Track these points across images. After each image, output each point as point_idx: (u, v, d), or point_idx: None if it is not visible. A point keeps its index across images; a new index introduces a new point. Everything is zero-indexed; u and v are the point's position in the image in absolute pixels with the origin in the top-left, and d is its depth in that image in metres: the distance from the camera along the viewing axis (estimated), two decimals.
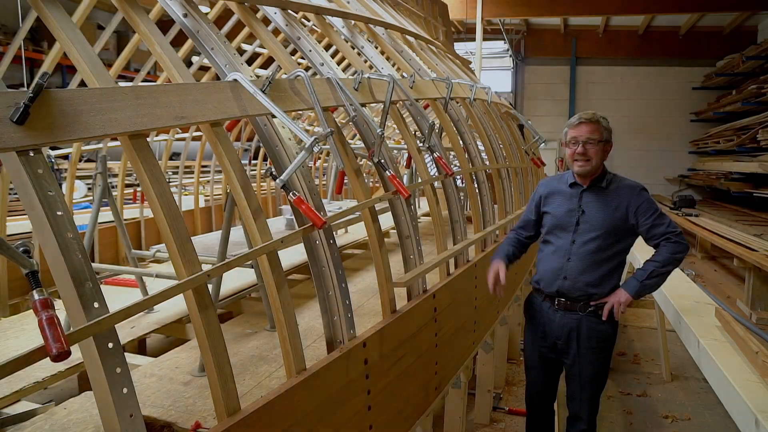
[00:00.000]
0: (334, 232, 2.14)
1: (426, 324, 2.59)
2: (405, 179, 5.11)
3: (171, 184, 6.57)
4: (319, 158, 8.66)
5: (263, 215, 1.79)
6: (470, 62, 9.48)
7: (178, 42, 3.55)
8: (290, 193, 1.88)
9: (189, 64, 5.82)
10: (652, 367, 5.07)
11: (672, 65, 15.81)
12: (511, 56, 16.94)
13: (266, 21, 3.17)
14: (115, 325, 1.29)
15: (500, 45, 16.76)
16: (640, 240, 2.84)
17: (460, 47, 14.13)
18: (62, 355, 1.07)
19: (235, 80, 1.92)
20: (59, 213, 1.27)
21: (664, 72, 15.97)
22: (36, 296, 1.12)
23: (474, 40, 13.14)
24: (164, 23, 3.06)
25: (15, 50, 3.41)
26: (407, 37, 4.28)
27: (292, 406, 1.68)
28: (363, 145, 2.73)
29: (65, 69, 9.46)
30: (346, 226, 4.99)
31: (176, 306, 3.71)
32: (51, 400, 2.65)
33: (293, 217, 4.75)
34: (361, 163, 7.64)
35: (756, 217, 10.61)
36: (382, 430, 2.17)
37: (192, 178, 7.06)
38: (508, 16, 13.83)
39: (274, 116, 1.97)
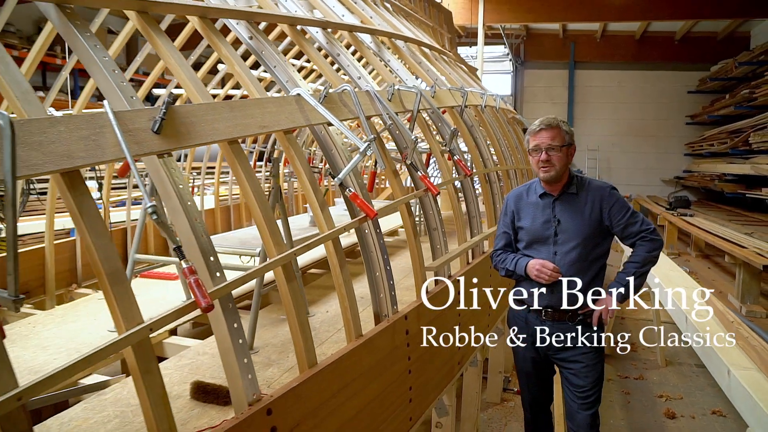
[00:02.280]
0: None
1: (452, 304, 2.96)
2: None
3: (193, 185, 6.94)
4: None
5: (327, 207, 2.16)
6: (476, 69, 9.85)
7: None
8: (347, 190, 2.25)
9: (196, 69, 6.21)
10: (648, 354, 5.45)
11: (668, 69, 16.19)
12: (511, 60, 17.32)
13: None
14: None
15: (500, 49, 17.15)
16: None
17: (462, 51, 14.49)
18: (209, 308, 1.44)
19: (299, 94, 2.29)
20: (189, 203, 1.63)
21: (661, 76, 16.34)
22: (184, 265, 1.48)
23: (475, 44, 13.53)
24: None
25: (35, 56, 3.52)
26: (423, 48, 4.66)
27: (355, 363, 2.05)
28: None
29: (77, 72, 9.82)
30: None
31: None
32: (124, 373, 3.01)
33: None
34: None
35: (748, 217, 11.00)
36: (419, 391, 2.54)
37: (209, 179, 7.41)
38: (509, 22, 14.22)
39: (329, 124, 2.34)
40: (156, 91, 5.34)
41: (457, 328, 2.89)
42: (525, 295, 2.75)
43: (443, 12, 9.38)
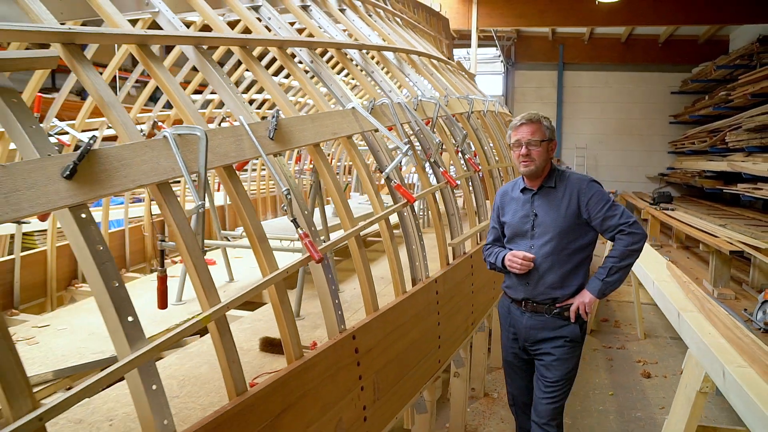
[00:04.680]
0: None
1: (466, 275, 3.64)
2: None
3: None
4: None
5: (380, 195, 2.82)
6: (474, 75, 10.53)
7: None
8: (392, 181, 2.92)
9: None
10: (629, 329, 6.18)
11: (652, 71, 16.93)
12: (502, 61, 18.00)
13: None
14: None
15: (492, 51, 17.84)
16: None
17: (456, 53, 15.16)
18: (321, 260, 2.10)
19: (353, 108, 2.95)
20: (294, 186, 2.29)
21: (645, 77, 17.08)
22: (300, 231, 2.14)
23: (468, 46, 14.21)
24: None
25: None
26: (433, 61, 5.33)
27: (402, 311, 2.72)
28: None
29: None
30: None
31: (250, 277, 4.73)
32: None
33: None
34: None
35: (725, 211, 11.80)
36: (446, 340, 3.23)
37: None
38: (501, 26, 14.89)
39: (376, 130, 3.01)
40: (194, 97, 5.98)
41: (471, 294, 3.58)
42: (507, 288, 2.86)
43: (441, 20, 10.05)
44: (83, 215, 1.53)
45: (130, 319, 1.53)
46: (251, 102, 7.54)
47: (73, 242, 1.53)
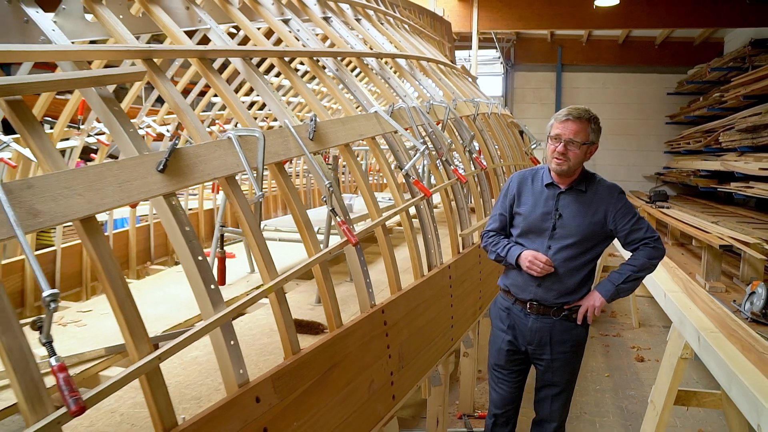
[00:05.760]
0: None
1: (475, 264, 3.99)
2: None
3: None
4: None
5: (402, 188, 3.17)
6: (476, 77, 10.88)
7: None
8: (410, 178, 3.27)
9: None
10: (625, 319, 6.55)
11: (649, 72, 17.28)
12: (501, 63, 18.35)
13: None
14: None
15: (492, 53, 18.20)
16: None
17: (457, 55, 15.52)
18: (356, 243, 2.45)
19: (376, 112, 3.30)
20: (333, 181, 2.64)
21: (642, 78, 17.43)
22: (338, 219, 2.48)
23: (469, 48, 14.58)
24: None
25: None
26: (440, 66, 5.68)
27: (421, 291, 3.07)
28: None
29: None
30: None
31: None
32: None
33: (351, 202, 6.06)
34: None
35: (719, 209, 12.16)
36: (458, 320, 3.58)
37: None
38: (501, 29, 15.26)
39: (396, 132, 3.35)
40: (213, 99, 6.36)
41: (479, 281, 3.93)
42: (511, 286, 2.77)
43: (444, 24, 10.42)
44: (173, 202, 1.88)
45: (212, 286, 1.88)
46: (264, 105, 7.89)
47: (166, 224, 1.88)
